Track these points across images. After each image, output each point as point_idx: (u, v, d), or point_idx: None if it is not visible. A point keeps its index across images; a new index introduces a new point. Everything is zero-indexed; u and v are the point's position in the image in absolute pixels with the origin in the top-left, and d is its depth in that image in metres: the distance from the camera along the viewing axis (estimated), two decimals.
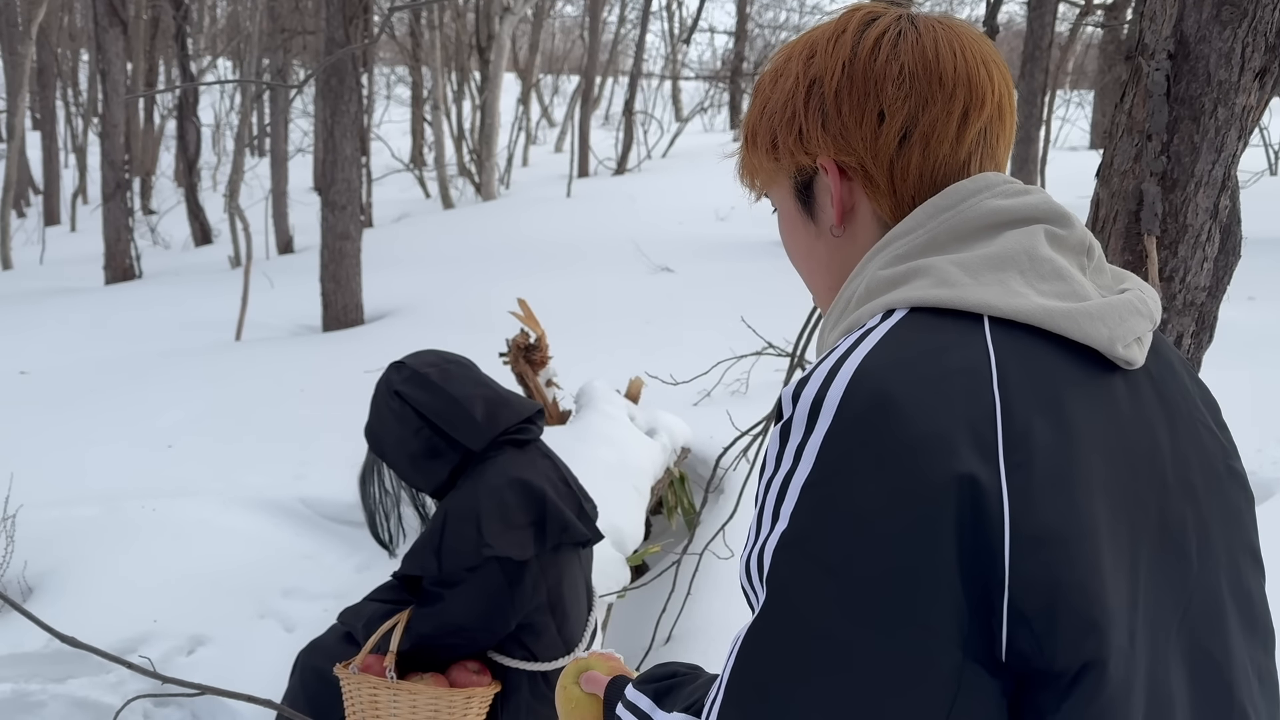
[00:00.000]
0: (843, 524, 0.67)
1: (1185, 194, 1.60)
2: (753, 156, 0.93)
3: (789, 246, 0.95)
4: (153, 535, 3.39)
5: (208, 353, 6.36)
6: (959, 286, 0.77)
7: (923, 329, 0.75)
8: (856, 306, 0.83)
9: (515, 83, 21.50)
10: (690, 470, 3.81)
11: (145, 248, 11.90)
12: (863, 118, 0.84)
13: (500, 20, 14.46)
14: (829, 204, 0.88)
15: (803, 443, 0.71)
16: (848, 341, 0.76)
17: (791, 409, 0.73)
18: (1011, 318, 0.76)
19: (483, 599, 1.92)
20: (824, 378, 0.73)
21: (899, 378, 0.70)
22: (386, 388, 2.05)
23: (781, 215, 0.95)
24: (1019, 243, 0.80)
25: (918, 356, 0.72)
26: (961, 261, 0.79)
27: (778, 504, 0.71)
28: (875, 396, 0.70)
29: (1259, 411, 4.03)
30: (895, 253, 0.83)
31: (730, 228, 10.30)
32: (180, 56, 12.10)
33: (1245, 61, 1.56)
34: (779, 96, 0.89)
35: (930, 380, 0.71)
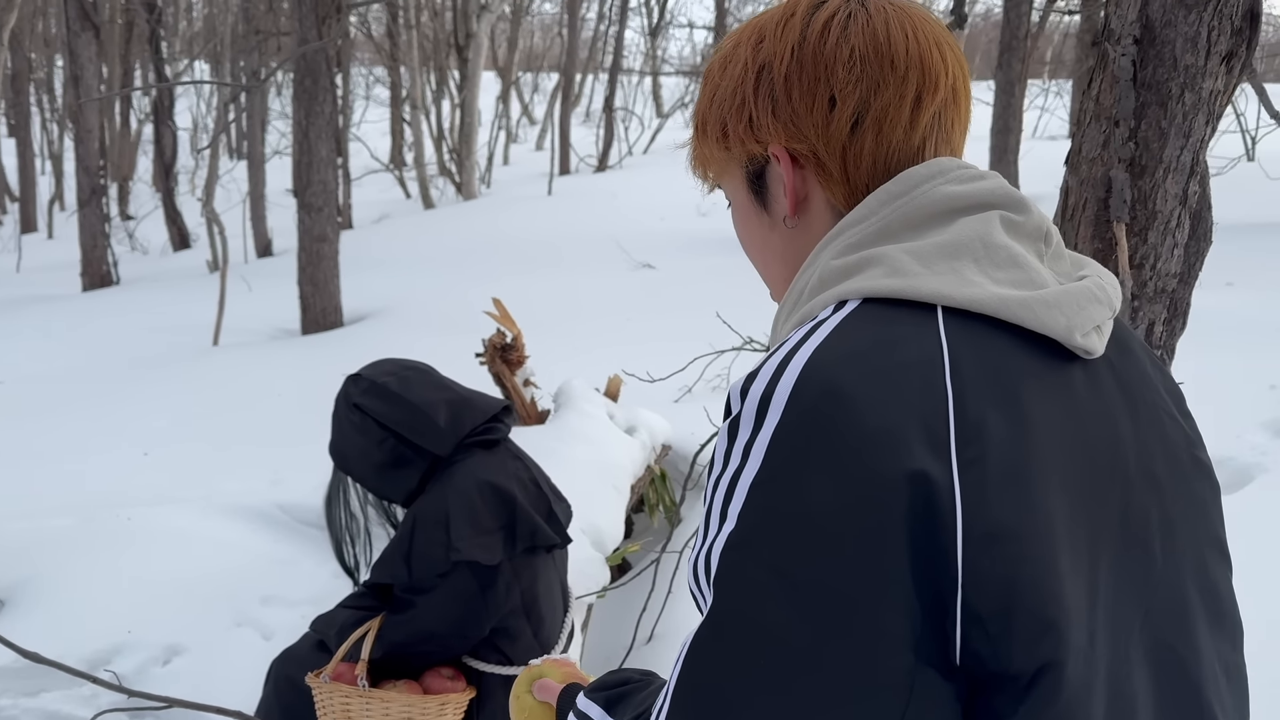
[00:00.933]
0: (790, 524, 0.65)
1: (1154, 180, 1.58)
2: (703, 146, 0.91)
3: (743, 239, 0.93)
4: (128, 544, 3.35)
5: (185, 358, 6.30)
6: (911, 276, 0.75)
7: (874, 320, 0.73)
8: (809, 298, 0.81)
9: (494, 81, 21.42)
10: (671, 467, 3.79)
11: (123, 253, 11.81)
12: (813, 103, 0.82)
13: (478, 18, 14.40)
14: (781, 193, 0.86)
15: (751, 439, 0.69)
16: (798, 334, 0.74)
17: (740, 404, 0.72)
18: (966, 307, 0.74)
19: (455, 605, 1.89)
20: (773, 372, 0.71)
21: (849, 371, 0.69)
22: (345, 401, 2.02)
23: (735, 207, 0.92)
24: (973, 229, 0.79)
25: (868, 349, 0.71)
26: (914, 250, 0.77)
27: (725, 503, 0.69)
28: (824, 390, 0.68)
29: (1238, 397, 4.04)
30: (847, 241, 0.81)
31: (712, 223, 10.29)
32: (155, 60, 12.00)
33: (1211, 45, 1.55)
34: (728, 83, 0.87)
35: (881, 373, 0.69)
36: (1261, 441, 3.72)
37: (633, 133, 19.44)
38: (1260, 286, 6.03)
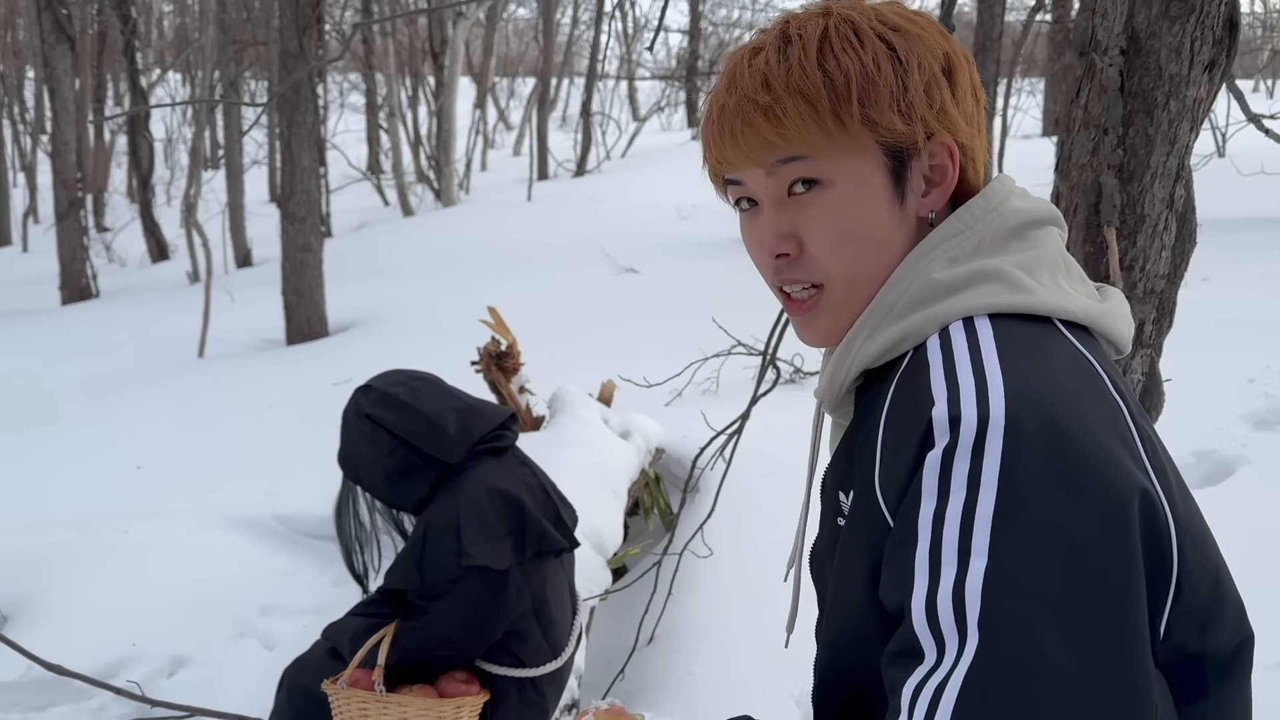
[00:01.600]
0: (1052, 553, 0.64)
1: (1142, 185, 1.64)
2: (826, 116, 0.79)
3: (854, 233, 0.83)
4: (126, 558, 3.36)
5: (171, 371, 6.29)
6: (1032, 291, 0.78)
7: (1024, 336, 0.76)
8: (907, 313, 0.80)
9: (471, 87, 21.42)
10: (665, 470, 3.83)
11: (101, 266, 11.74)
12: (976, 103, 0.85)
13: (453, 25, 14.41)
14: (920, 186, 0.84)
15: (975, 469, 0.67)
16: (961, 355, 0.74)
17: (949, 433, 0.69)
18: (1074, 319, 0.79)
19: (467, 609, 1.93)
20: (975, 399, 0.70)
21: (1052, 392, 0.70)
22: (356, 412, 2.05)
23: (848, 194, 0.82)
24: (1053, 245, 0.83)
25: (1050, 368, 0.73)
26: (1022, 265, 0.80)
27: (964, 537, 0.66)
28: (1042, 414, 0.68)
29: (1218, 390, 4.12)
30: (947, 255, 0.81)
31: (693, 226, 10.34)
32: (129, 72, 11.95)
33: (1194, 55, 1.61)
34: (915, 60, 0.81)
35: (1074, 391, 0.71)
36: (1242, 434, 3.80)
37: (610, 137, 19.48)
38: (1236, 281, 6.13)
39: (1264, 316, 5.25)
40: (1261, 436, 3.78)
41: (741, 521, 3.34)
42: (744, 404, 2.83)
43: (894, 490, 0.73)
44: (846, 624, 0.81)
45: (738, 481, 3.38)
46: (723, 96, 0.84)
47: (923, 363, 0.76)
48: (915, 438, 0.72)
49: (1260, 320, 5.19)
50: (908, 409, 0.75)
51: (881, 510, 0.74)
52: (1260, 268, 6.55)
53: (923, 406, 0.72)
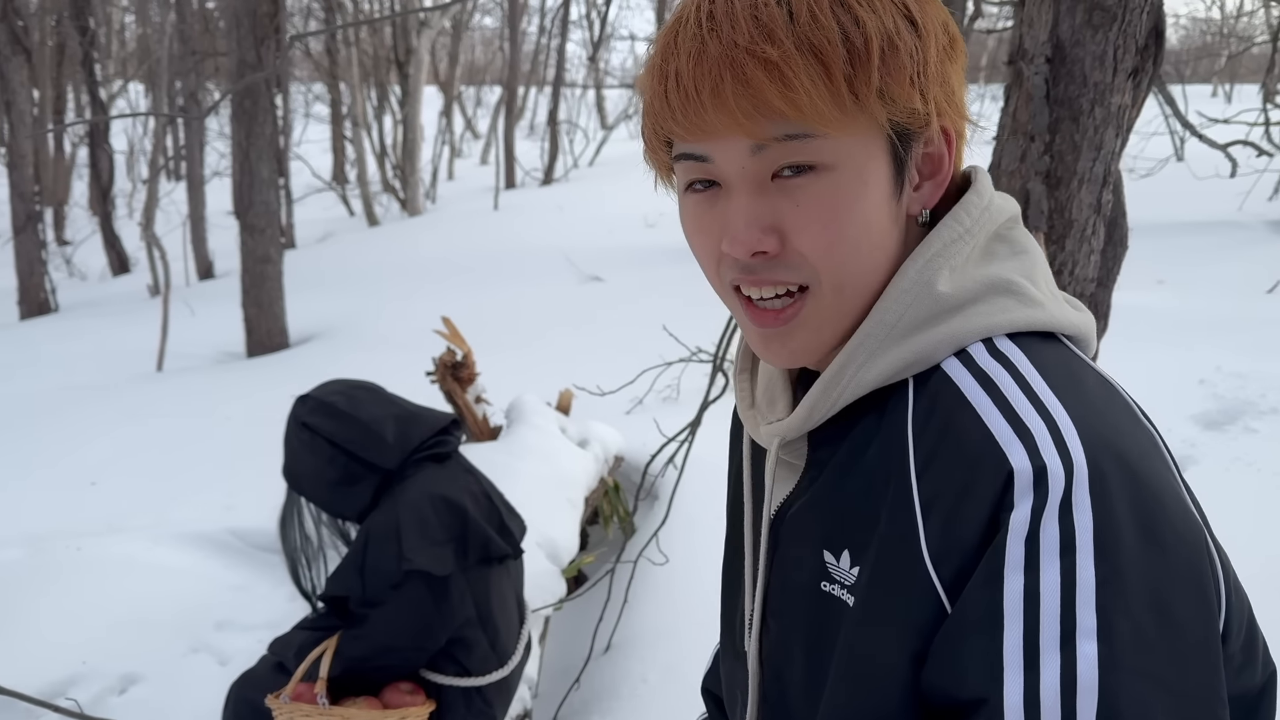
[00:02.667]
0: (1154, 623, 0.57)
1: (1069, 191, 1.67)
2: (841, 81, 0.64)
3: (848, 231, 0.69)
4: (79, 575, 3.32)
5: (129, 385, 6.23)
6: (1045, 306, 0.71)
7: (1054, 360, 0.68)
8: (911, 332, 0.69)
9: (437, 96, 21.37)
10: (624, 479, 3.84)
11: (61, 280, 11.59)
12: (963, 89, 0.73)
13: (418, 34, 14.38)
14: (914, 181, 0.72)
15: (1068, 532, 0.58)
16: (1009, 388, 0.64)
17: (1034, 492, 0.60)
18: (1075, 333, 0.73)
19: (409, 616, 1.92)
20: (1055, 446, 0.61)
21: (1113, 429, 0.63)
22: (294, 422, 2.05)
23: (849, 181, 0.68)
24: (1036, 248, 0.76)
25: (1095, 398, 0.65)
26: (1026, 274, 0.73)
27: (1067, 617, 0.57)
28: (1117, 459, 0.61)
29: (1169, 391, 4.18)
30: (949, 264, 0.71)
31: (659, 235, 10.37)
32: (89, 83, 11.82)
33: (1118, 63, 1.64)
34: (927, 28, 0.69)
35: (1127, 427, 0.64)
36: (1191, 434, 3.86)
37: (577, 145, 19.50)
38: (1190, 284, 6.23)
39: (1216, 318, 5.34)
40: (1210, 437, 3.84)
41: (697, 528, 3.35)
42: (695, 413, 2.84)
43: (955, 558, 0.61)
44: (873, 712, 0.67)
45: (694, 488, 3.40)
46: (695, 38, 0.65)
47: (959, 397, 0.65)
48: (987, 494, 0.60)
49: (1212, 322, 5.28)
50: (965, 456, 0.63)
51: (933, 582, 0.62)
52: (1214, 270, 6.67)
53: (990, 455, 0.61)
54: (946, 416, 0.65)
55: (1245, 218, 8.23)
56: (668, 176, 0.77)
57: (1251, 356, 4.56)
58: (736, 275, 0.71)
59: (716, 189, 0.71)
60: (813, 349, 0.73)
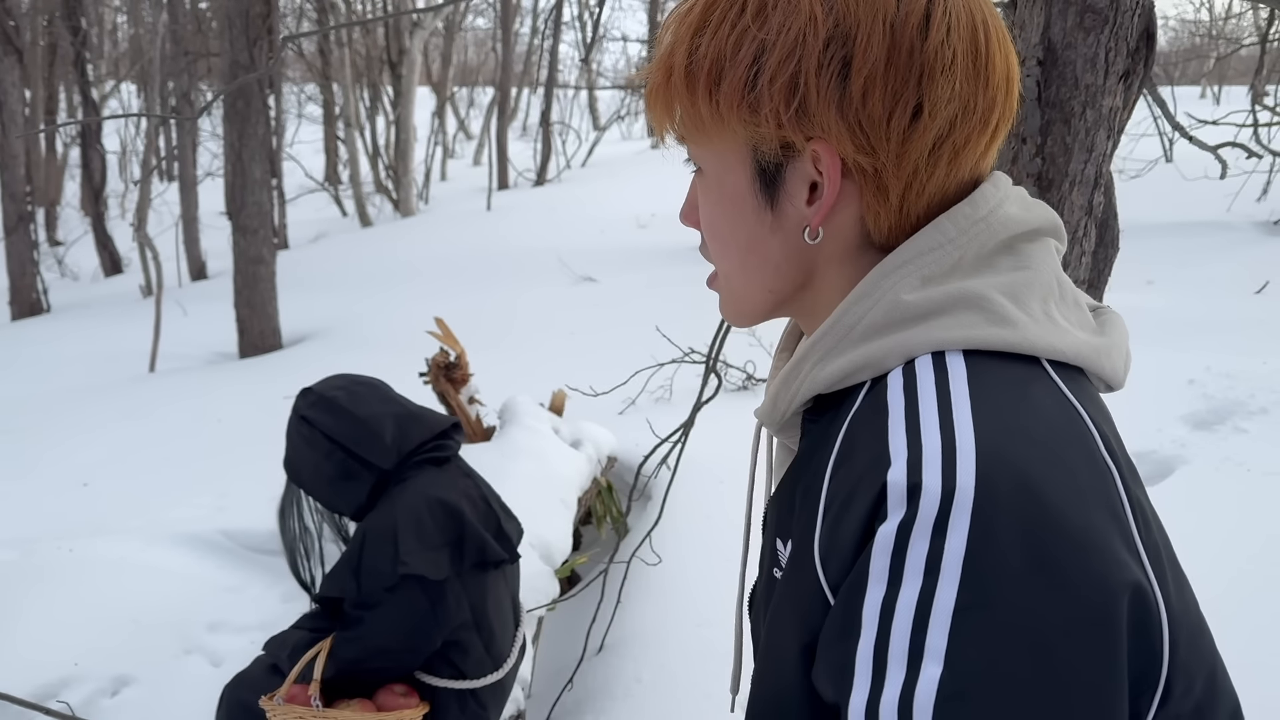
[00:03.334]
0: (1021, 661, 0.54)
1: (1061, 193, 1.68)
2: (694, 98, 0.71)
3: (719, 229, 0.75)
4: (71, 576, 3.31)
5: (121, 386, 6.21)
6: (1019, 325, 0.66)
7: (1003, 382, 0.64)
8: (869, 337, 0.68)
9: (429, 96, 21.36)
10: (617, 479, 3.84)
11: (52, 280, 11.58)
12: (894, 111, 0.66)
13: (411, 34, 14.37)
14: (803, 196, 0.70)
15: (935, 553, 0.56)
16: (926, 402, 0.63)
17: (905, 507, 0.58)
18: (1067, 360, 0.68)
19: (404, 619, 1.92)
20: (940, 465, 0.58)
21: (1030, 457, 0.59)
22: (295, 414, 2.06)
23: (715, 184, 0.74)
24: (1048, 265, 0.71)
25: (1032, 425, 0.61)
26: (1008, 290, 0.68)
27: (916, 636, 0.56)
28: (1019, 487, 0.57)
29: (1158, 391, 4.20)
30: (921, 273, 0.68)
31: (651, 235, 10.38)
32: (81, 84, 11.80)
33: (1109, 65, 1.65)
34: (774, 38, 0.67)
35: (1057, 455, 0.60)
36: (1181, 434, 3.88)
37: (570, 146, 19.51)
38: (1179, 284, 6.26)
39: (1205, 319, 5.36)
40: (1200, 437, 3.86)
41: (690, 529, 3.35)
42: (688, 413, 2.85)
43: (835, 561, 0.62)
44: (774, 697, 0.69)
45: (687, 489, 3.41)
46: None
47: (881, 405, 0.65)
48: (864, 503, 0.60)
49: (1201, 322, 5.30)
50: (858, 464, 0.63)
51: (819, 580, 0.63)
52: (1203, 270, 6.70)
53: (876, 465, 0.61)
54: (866, 423, 0.65)
55: (1233, 219, 8.26)
56: None
57: (1241, 357, 4.58)
58: None
59: None
60: (733, 316, 0.80)
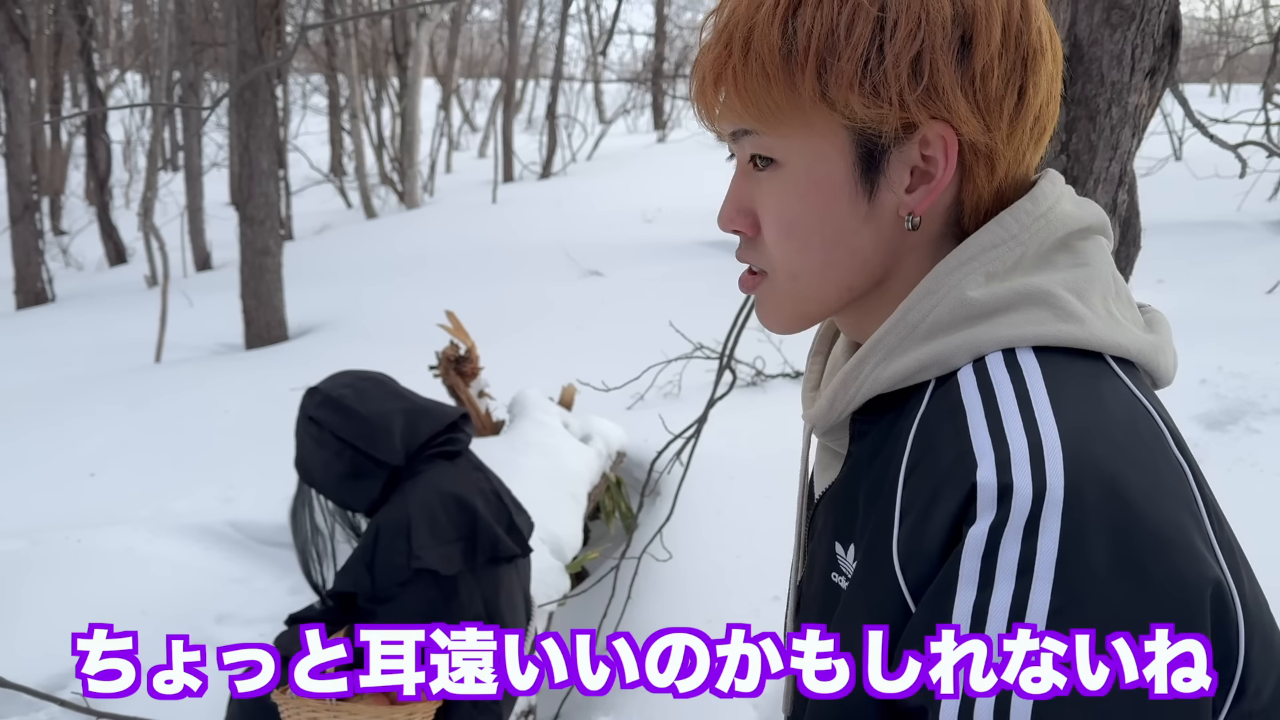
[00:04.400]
0: None
1: (1085, 191, 1.66)
2: (791, 85, 0.67)
3: (800, 225, 0.71)
4: (78, 567, 3.31)
5: (127, 376, 6.21)
6: (1086, 322, 0.66)
7: (1077, 379, 0.64)
8: (934, 335, 0.68)
9: (435, 88, 21.32)
10: (627, 474, 3.83)
11: (57, 270, 11.57)
12: (1006, 91, 0.66)
13: (417, 26, 14.34)
14: (904, 181, 0.69)
15: (1028, 555, 0.56)
16: (1006, 401, 0.62)
17: (996, 508, 0.58)
18: (1125, 356, 0.68)
19: (417, 614, 1.91)
20: (1030, 464, 0.58)
21: (1114, 456, 0.59)
22: (303, 415, 2.05)
23: (799, 178, 0.71)
24: (1105, 262, 0.71)
25: (1110, 423, 0.61)
26: (1072, 287, 0.68)
27: (1012, 624, 0.56)
28: (1107, 491, 0.57)
29: (1170, 391, 4.15)
30: (986, 269, 0.68)
31: (657, 229, 10.36)
32: (86, 73, 11.79)
33: (1135, 62, 1.63)
34: (897, 15, 0.65)
35: (1138, 455, 0.60)
36: (1194, 434, 3.86)
37: (575, 139, 19.47)
38: (1190, 283, 6.24)
39: (1217, 318, 5.34)
40: (1213, 436, 3.85)
41: (701, 525, 3.34)
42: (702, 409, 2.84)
43: (919, 564, 0.61)
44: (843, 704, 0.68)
45: (698, 485, 3.39)
46: (703, 43, 0.72)
47: (956, 404, 0.64)
48: (951, 504, 0.60)
49: (1213, 322, 5.27)
50: (940, 464, 0.62)
51: (899, 584, 0.63)
52: (1214, 269, 6.67)
53: (960, 465, 0.60)
54: (941, 422, 0.64)
55: (1244, 218, 8.23)
56: None
57: (1253, 356, 4.56)
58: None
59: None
60: (777, 322, 0.77)
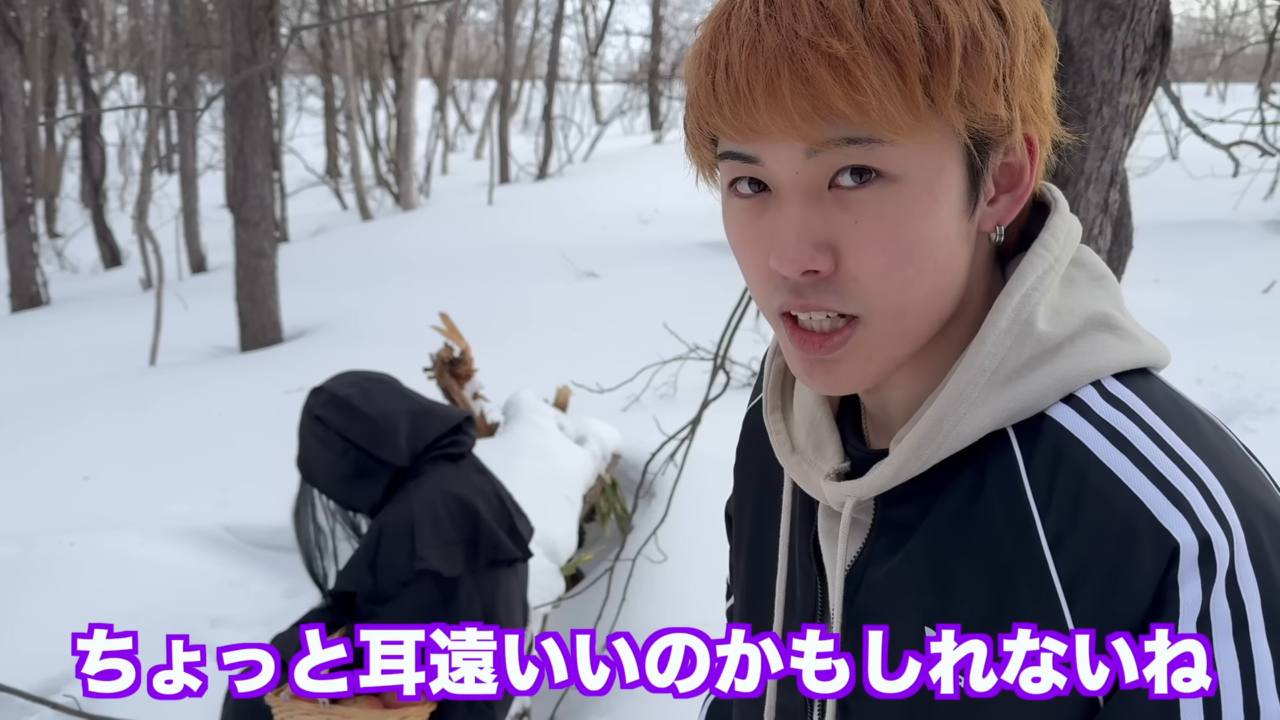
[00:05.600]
0: None
1: (1077, 191, 1.67)
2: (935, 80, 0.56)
3: (917, 252, 0.61)
4: (72, 571, 3.30)
5: (122, 379, 6.20)
6: (1142, 341, 0.65)
7: (1165, 402, 0.62)
8: (1015, 378, 0.62)
9: (431, 89, 21.31)
10: (622, 476, 3.83)
11: (52, 273, 11.54)
12: (1049, 91, 0.65)
13: (412, 27, 14.33)
14: (991, 191, 0.64)
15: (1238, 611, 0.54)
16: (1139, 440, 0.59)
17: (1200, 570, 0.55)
18: (1163, 368, 0.67)
19: (416, 614, 1.91)
20: (1209, 509, 0.56)
21: (1253, 485, 0.59)
22: (308, 414, 2.04)
23: (919, 195, 0.60)
24: (1110, 274, 0.69)
25: (1221, 448, 0.61)
26: (1118, 304, 0.67)
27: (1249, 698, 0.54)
28: (1269, 524, 0.57)
29: None
30: (1045, 299, 0.64)
31: (654, 231, 10.36)
32: (81, 75, 11.77)
33: (1126, 62, 1.63)
34: (1009, 15, 0.59)
35: (1259, 475, 0.61)
36: None
37: (572, 140, 19.47)
38: (1185, 283, 6.25)
39: (1212, 317, 5.35)
40: None
41: (696, 526, 3.34)
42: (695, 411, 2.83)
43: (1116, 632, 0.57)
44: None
45: (694, 486, 3.39)
46: (750, 24, 0.57)
47: (1083, 455, 0.59)
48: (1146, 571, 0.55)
49: (1208, 321, 5.28)
50: (1108, 528, 0.57)
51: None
52: (1210, 269, 6.68)
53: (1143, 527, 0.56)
54: (1079, 478, 0.59)
55: (1240, 217, 8.25)
56: (711, 174, 0.67)
57: (1249, 356, 4.57)
58: (785, 299, 0.62)
59: (766, 194, 0.62)
60: (862, 378, 0.65)
